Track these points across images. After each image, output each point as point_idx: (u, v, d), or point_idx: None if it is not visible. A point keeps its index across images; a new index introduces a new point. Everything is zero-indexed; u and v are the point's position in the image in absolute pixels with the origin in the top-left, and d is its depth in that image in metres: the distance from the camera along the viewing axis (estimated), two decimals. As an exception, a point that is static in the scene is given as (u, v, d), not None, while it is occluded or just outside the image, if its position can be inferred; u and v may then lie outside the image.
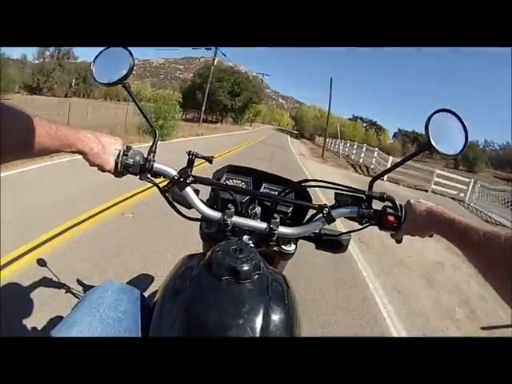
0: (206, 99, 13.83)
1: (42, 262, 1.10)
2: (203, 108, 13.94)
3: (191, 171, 0.48)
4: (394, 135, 55.06)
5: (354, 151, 9.60)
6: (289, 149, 10.99)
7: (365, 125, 43.60)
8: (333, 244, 0.55)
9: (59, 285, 1.01)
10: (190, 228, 0.53)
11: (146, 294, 0.46)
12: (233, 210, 0.48)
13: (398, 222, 0.45)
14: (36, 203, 1.71)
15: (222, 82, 19.66)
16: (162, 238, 1.57)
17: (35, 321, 0.94)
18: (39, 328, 0.93)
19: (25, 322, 0.93)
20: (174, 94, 7.65)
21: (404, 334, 1.19)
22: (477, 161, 26.62)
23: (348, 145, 11.09)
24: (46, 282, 1.08)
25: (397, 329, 1.21)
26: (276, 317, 0.37)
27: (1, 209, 1.33)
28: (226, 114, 21.17)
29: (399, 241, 0.49)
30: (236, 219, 0.48)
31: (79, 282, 1.14)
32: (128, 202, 1.97)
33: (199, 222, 0.54)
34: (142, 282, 1.16)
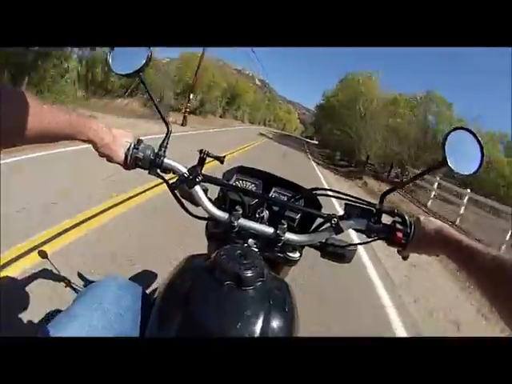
0: None
1: (43, 254, 1.69)
2: None
3: (201, 169, 0.81)
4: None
5: None
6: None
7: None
8: (338, 254, 0.93)
9: (61, 278, 1.59)
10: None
11: (148, 291, 0.79)
12: (240, 211, 0.83)
13: (407, 238, 0.77)
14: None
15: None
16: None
17: (35, 313, 1.72)
18: (38, 320, 1.68)
19: (25, 314, 1.70)
20: None
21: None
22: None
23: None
24: (47, 275, 1.78)
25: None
26: (275, 325, 0.63)
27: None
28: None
29: (406, 258, 0.83)
30: (243, 222, 0.82)
31: (80, 276, 1.93)
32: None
33: (206, 221, 0.92)
34: (145, 278, 1.92)
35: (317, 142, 64.39)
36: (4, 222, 2.43)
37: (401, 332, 2.86)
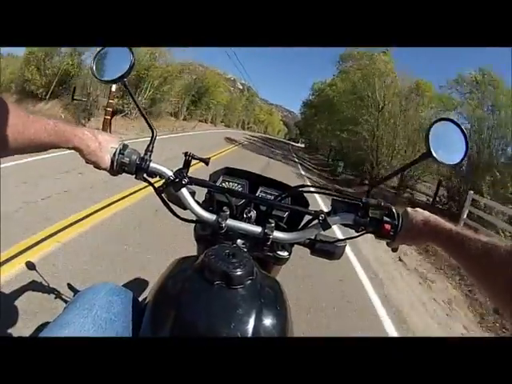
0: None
1: (30, 265, 2.32)
2: None
3: (187, 172, 0.96)
4: None
5: None
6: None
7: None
8: (328, 251, 1.10)
9: (49, 288, 2.19)
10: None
11: (138, 296, 0.92)
12: (228, 212, 0.99)
13: (395, 230, 0.91)
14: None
15: None
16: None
17: (25, 322, 2.18)
18: (30, 329, 2.08)
19: (15, 322, 2.15)
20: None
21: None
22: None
23: None
24: (35, 286, 2.30)
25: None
26: (267, 322, 0.73)
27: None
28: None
29: (395, 249, 0.99)
30: (230, 222, 0.97)
31: (69, 286, 2.52)
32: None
33: (194, 224, 1.16)
34: (136, 285, 2.45)
35: (302, 146, 63.73)
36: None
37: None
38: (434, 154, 0.82)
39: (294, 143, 70.48)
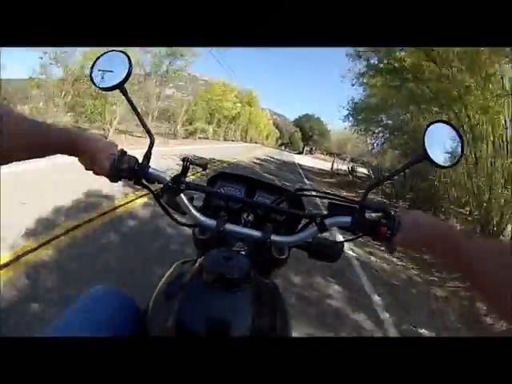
0: None
1: (31, 274, 2.67)
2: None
3: (185, 178, 1.03)
4: None
5: None
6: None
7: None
8: (325, 253, 1.15)
9: (49, 292, 2.49)
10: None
11: (137, 298, 0.98)
12: (226, 217, 1.09)
13: (391, 233, 0.90)
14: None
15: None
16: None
17: (25, 324, 2.28)
18: (27, 331, 2.20)
19: (15, 324, 2.24)
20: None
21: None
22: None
23: None
24: (34, 288, 2.57)
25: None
26: (265, 325, 0.82)
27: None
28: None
29: (392, 252, 0.99)
30: (229, 226, 1.04)
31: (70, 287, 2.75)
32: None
33: (192, 228, 1.21)
34: (134, 286, 2.29)
35: (325, 168, 29.89)
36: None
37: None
38: (430, 156, 0.86)
39: (290, 152, 68.09)
